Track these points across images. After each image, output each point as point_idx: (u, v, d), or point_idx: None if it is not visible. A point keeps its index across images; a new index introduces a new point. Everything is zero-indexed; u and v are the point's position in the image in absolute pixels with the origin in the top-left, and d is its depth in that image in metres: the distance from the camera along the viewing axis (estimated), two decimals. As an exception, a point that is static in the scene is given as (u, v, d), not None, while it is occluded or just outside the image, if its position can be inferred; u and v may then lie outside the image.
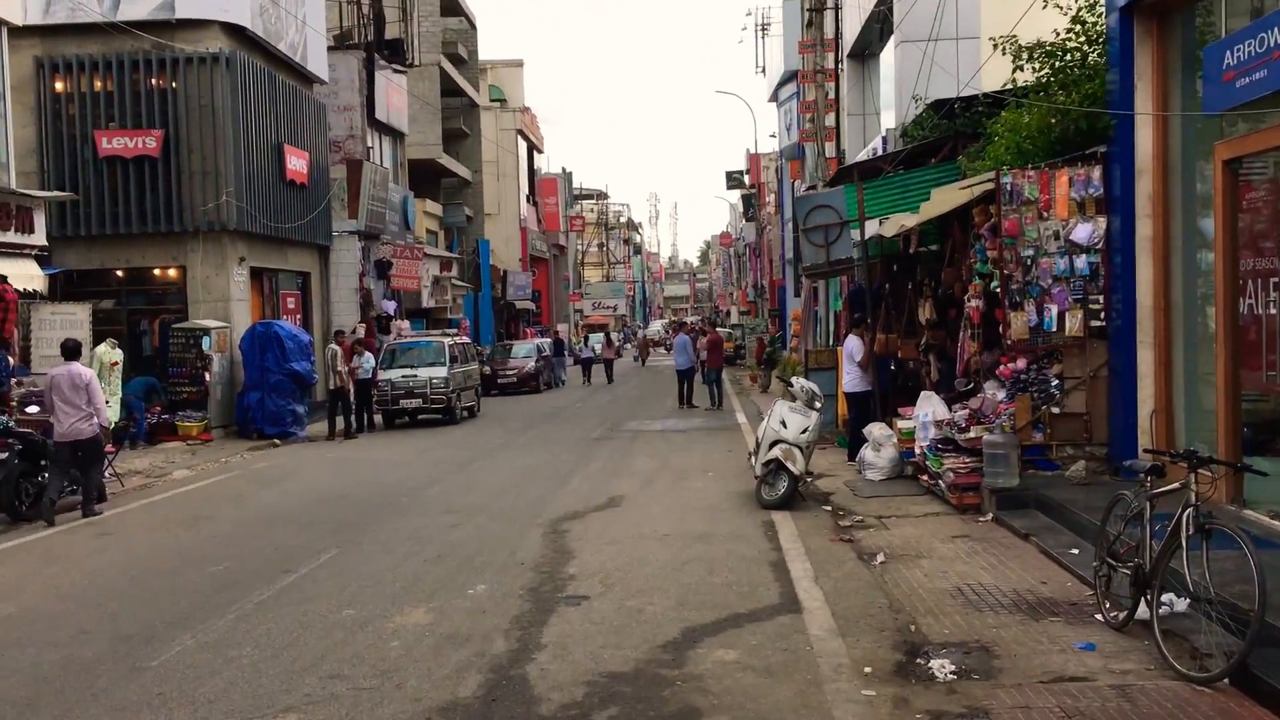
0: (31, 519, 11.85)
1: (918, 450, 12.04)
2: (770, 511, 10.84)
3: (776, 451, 11.22)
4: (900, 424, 12.82)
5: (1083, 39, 10.66)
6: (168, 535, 10.59)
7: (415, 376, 22.43)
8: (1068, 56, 10.63)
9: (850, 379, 14.32)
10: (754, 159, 60.91)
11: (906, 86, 19.23)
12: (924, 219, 11.71)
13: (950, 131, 15.82)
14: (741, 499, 11.72)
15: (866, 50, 25.80)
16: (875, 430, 12.98)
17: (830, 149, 27.19)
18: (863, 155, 21.33)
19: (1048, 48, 10.67)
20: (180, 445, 19.14)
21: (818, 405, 11.79)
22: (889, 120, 21.82)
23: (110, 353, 15.77)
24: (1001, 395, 10.96)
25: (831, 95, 27.02)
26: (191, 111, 20.81)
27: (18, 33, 20.45)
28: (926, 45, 17.55)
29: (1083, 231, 10.27)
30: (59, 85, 20.69)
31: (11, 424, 12.49)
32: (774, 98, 46.29)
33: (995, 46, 10.94)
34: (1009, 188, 10.41)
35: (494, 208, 50.69)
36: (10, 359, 13.93)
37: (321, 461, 16.94)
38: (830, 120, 27.35)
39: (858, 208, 14.52)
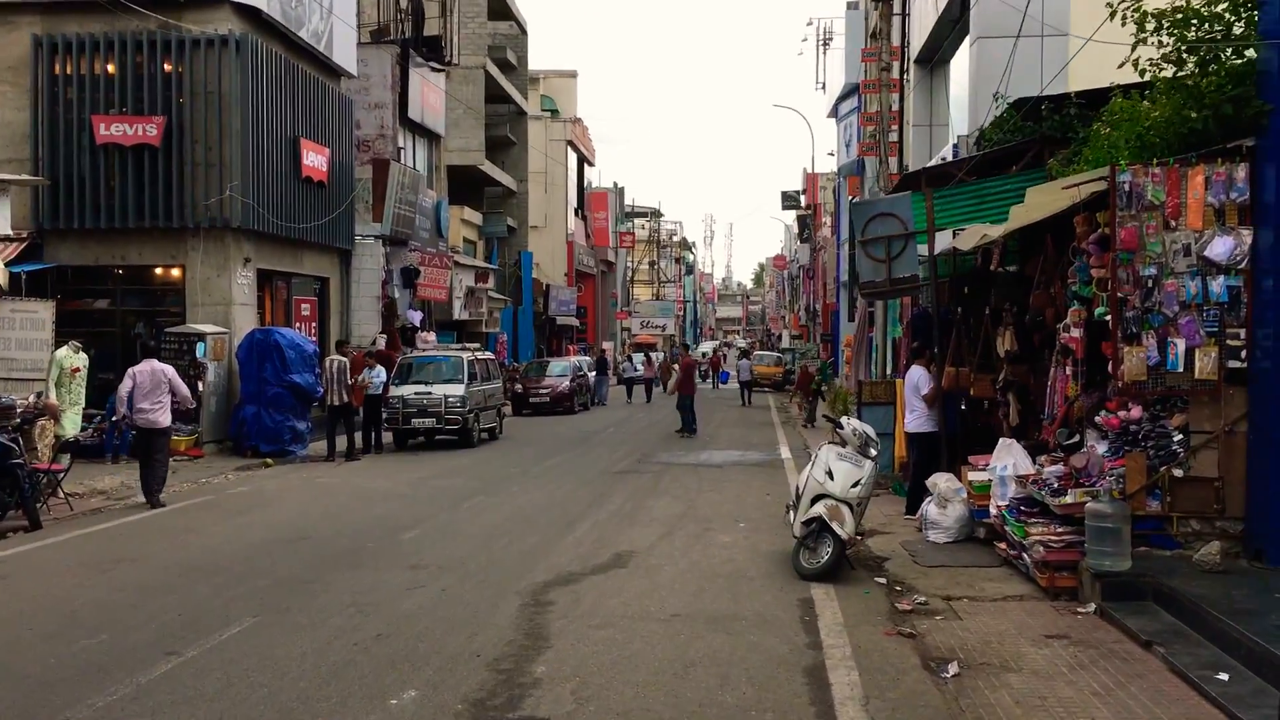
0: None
1: (993, 510, 9.86)
2: (810, 583, 8.72)
3: (820, 509, 9.09)
4: (971, 475, 10.64)
5: (1223, 4, 8.46)
6: (67, 585, 8.69)
7: (429, 394, 20.54)
8: (1205, 26, 8.43)
9: (914, 417, 12.16)
10: (811, 179, 58.97)
11: (983, 87, 17.05)
12: (1016, 226, 9.52)
13: (1034, 135, 13.66)
14: (775, 562, 9.60)
15: (936, 55, 23.63)
16: (941, 483, 10.79)
17: (894, 164, 25.07)
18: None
19: (1179, 15, 8.47)
20: (166, 461, 17.37)
21: (873, 452, 9.63)
22: (961, 127, 19.62)
23: (72, 357, 13.98)
24: (1102, 449, 8.75)
25: (895, 107, 24.91)
26: (197, 98, 19.17)
27: (15, 9, 19.10)
28: (1014, 39, 15.38)
29: (1221, 246, 8.05)
30: (56, 66, 19.14)
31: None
32: (834, 113, 44.26)
33: (1113, 14, 8.77)
34: (1127, 187, 8.21)
35: (540, 219, 49.04)
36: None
37: (306, 488, 15.05)
38: (894, 136, 25.24)
39: (926, 217, 12.38)
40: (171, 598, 8.12)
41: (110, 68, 19.18)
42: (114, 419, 15.47)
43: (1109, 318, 8.42)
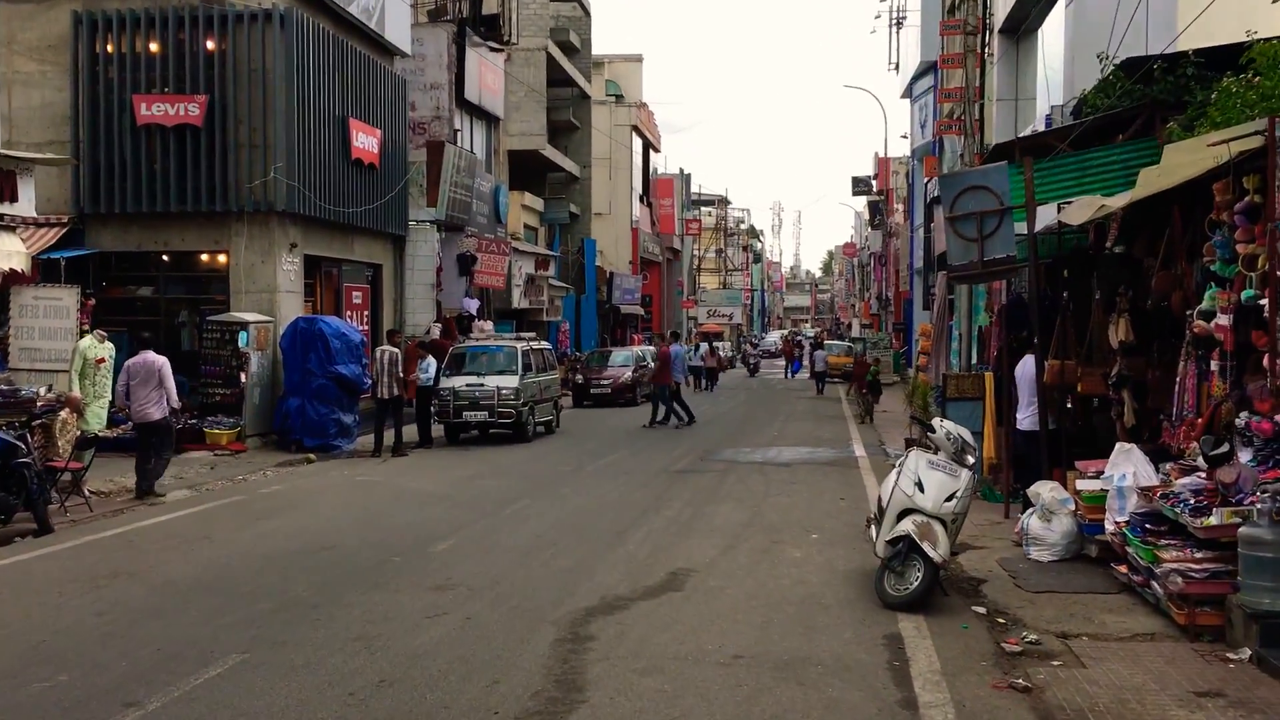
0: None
1: (1110, 526, 8.47)
2: (897, 614, 7.44)
3: (908, 525, 7.78)
4: (1081, 484, 9.27)
5: None
6: (49, 606, 7.70)
7: (482, 386, 19.50)
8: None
9: (1031, 412, 10.89)
10: (883, 163, 57.21)
11: (1081, 52, 15.52)
12: (1149, 192, 8.05)
13: (1144, 99, 12.14)
14: (855, 585, 8.32)
15: (1023, 23, 21.99)
16: (1045, 492, 9.42)
17: (977, 142, 23.47)
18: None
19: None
20: (206, 455, 16.56)
21: (970, 460, 8.30)
22: (1055, 97, 18.03)
23: (96, 347, 13.11)
24: (1245, 457, 7.33)
25: (977, 83, 23.28)
26: (240, 76, 18.30)
27: (54, -15, 18.41)
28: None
29: None
30: (97, 44, 18.39)
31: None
32: (908, 93, 42.43)
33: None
34: (1290, 144, 6.78)
35: (603, 206, 47.89)
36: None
37: (345, 487, 14.09)
38: (977, 112, 23.63)
39: (1025, 190, 10.94)
40: (157, 625, 7.08)
41: (152, 45, 18.42)
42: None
43: (1263, 302, 7.01)
